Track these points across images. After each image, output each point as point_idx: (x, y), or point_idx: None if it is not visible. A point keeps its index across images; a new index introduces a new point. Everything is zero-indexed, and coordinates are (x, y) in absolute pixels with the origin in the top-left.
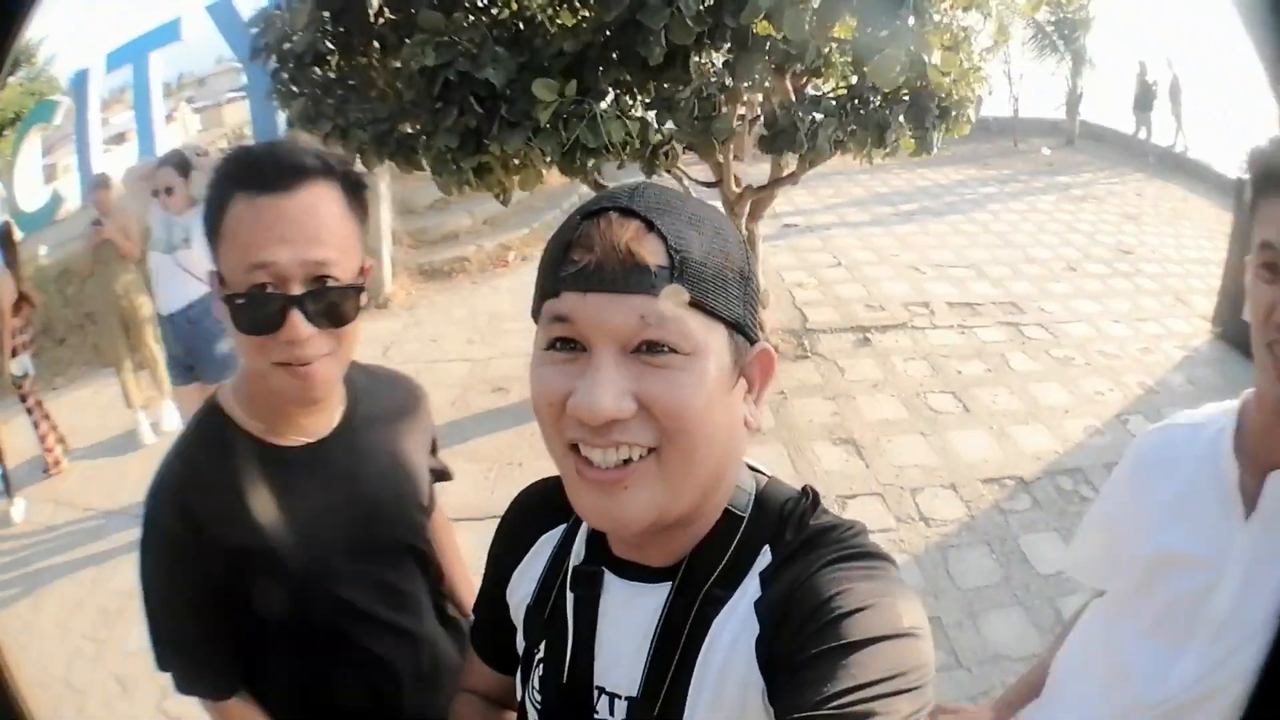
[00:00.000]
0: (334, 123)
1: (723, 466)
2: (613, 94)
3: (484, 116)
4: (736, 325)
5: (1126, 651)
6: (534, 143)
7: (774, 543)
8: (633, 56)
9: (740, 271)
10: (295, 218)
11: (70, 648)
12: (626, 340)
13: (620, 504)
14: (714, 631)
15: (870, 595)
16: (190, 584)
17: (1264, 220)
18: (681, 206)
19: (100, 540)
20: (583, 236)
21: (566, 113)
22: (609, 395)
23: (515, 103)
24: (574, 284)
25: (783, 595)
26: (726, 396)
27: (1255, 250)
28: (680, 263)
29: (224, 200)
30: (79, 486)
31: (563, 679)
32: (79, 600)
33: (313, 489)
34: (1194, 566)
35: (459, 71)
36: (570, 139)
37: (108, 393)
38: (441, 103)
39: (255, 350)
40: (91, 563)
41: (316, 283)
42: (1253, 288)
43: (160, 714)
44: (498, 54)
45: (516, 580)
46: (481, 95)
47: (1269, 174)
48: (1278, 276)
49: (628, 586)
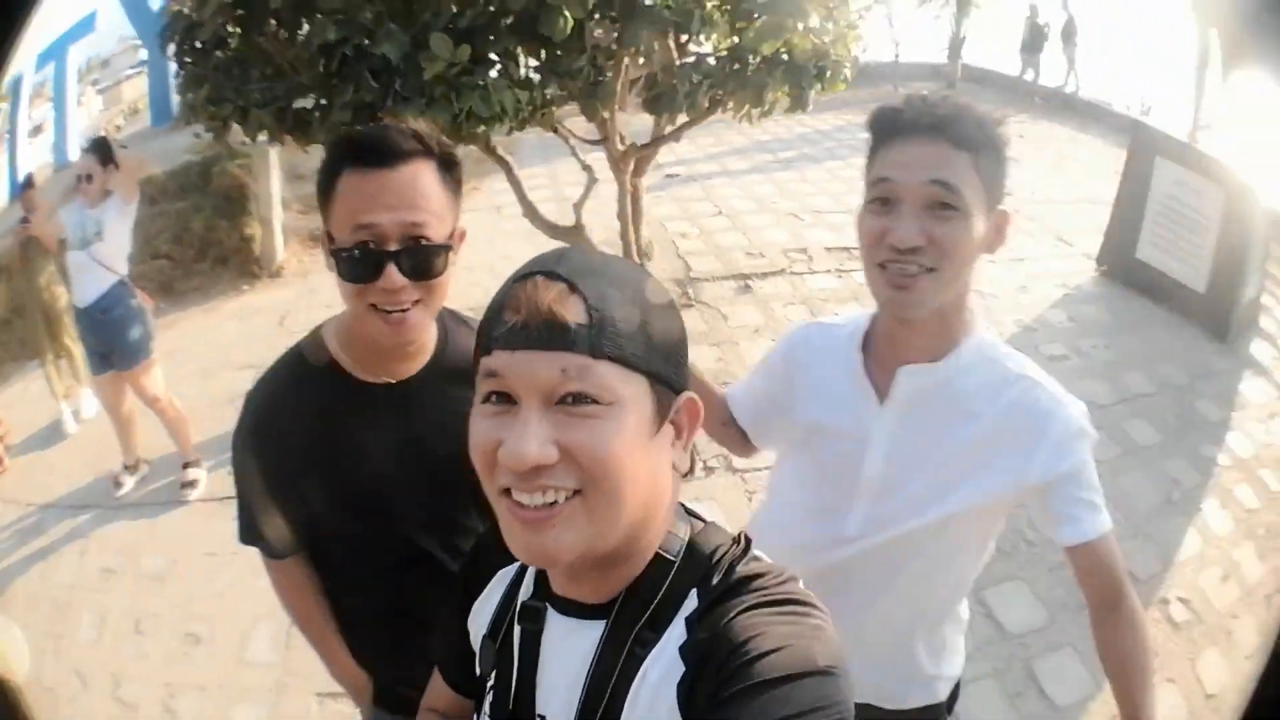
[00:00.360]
0: (234, 104)
1: (649, 508)
2: (500, 62)
3: (379, 91)
4: (657, 376)
5: (807, 496)
6: (427, 114)
7: (701, 587)
8: (526, 28)
9: (663, 328)
10: (396, 188)
11: (35, 646)
12: (550, 392)
13: (548, 540)
14: (643, 670)
15: (786, 637)
16: (261, 482)
17: (880, 162)
18: (604, 269)
19: (41, 535)
20: (511, 299)
21: (458, 83)
22: (533, 444)
23: (409, 76)
24: (504, 342)
25: (705, 639)
26: (648, 442)
27: (867, 191)
28: (599, 320)
29: (335, 173)
30: (15, 482)
31: (509, 707)
32: (34, 596)
33: (388, 424)
34: (841, 437)
35: (355, 46)
36: (463, 109)
37: (33, 387)
38: (338, 79)
39: (355, 296)
40: (38, 558)
41: (411, 241)
42: (864, 219)
43: (116, 702)
44: (392, 29)
45: (476, 610)
46: (377, 70)
47: (884, 124)
48: (886, 208)
49: (567, 622)
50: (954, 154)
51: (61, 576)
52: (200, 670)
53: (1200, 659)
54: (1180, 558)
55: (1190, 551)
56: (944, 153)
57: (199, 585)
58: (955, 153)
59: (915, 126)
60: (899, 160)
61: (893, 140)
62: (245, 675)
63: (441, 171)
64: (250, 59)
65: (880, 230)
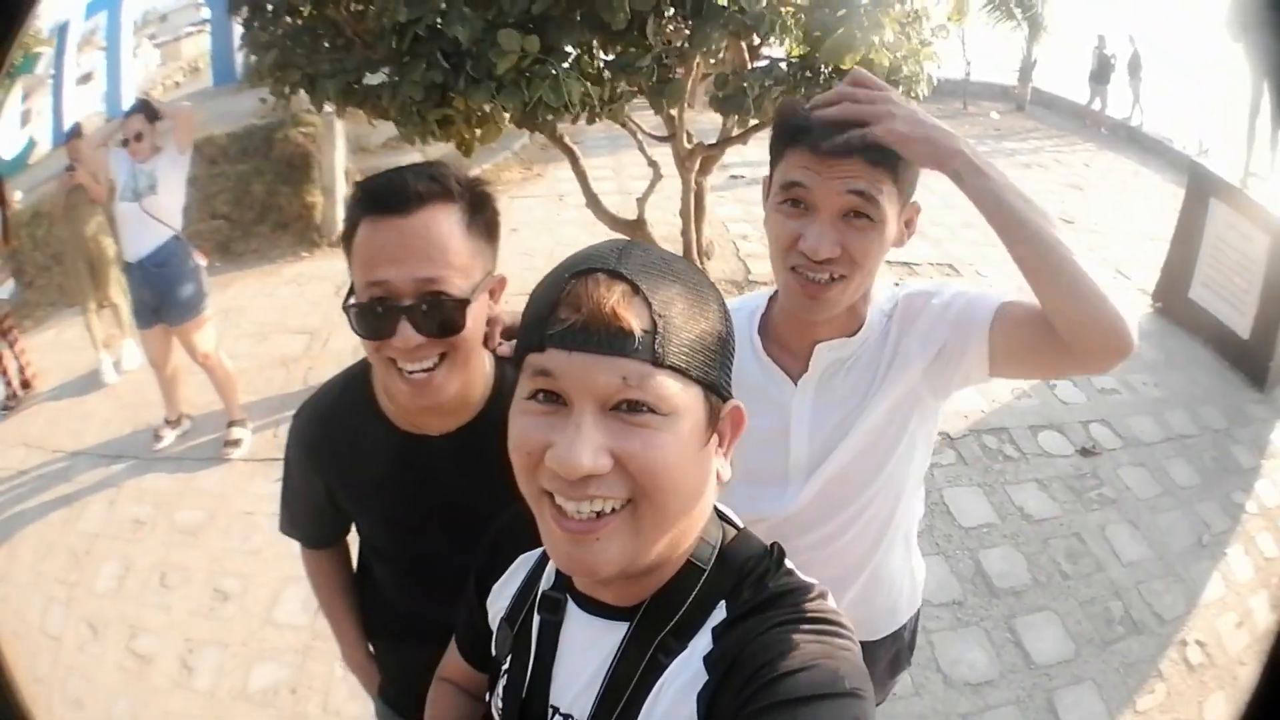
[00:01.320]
0: (303, 72)
1: (692, 519)
2: (574, 54)
3: (450, 72)
4: (712, 386)
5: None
6: (497, 99)
7: (730, 599)
8: (595, 20)
9: (719, 335)
10: (408, 239)
11: (44, 594)
12: (606, 399)
13: (592, 553)
14: (664, 678)
15: (813, 657)
16: (302, 490)
17: (786, 165)
18: (666, 268)
19: (67, 482)
20: (570, 295)
21: (529, 71)
22: (587, 452)
23: (480, 60)
24: (560, 342)
25: (731, 652)
26: (699, 454)
27: (778, 189)
28: (663, 328)
29: (355, 222)
30: (46, 428)
31: (522, 694)
32: (50, 544)
33: (427, 479)
34: (761, 414)
35: (428, 26)
36: (533, 97)
37: (70, 333)
38: (409, 57)
39: (374, 353)
40: (61, 504)
41: (427, 296)
42: (775, 221)
43: (129, 653)
44: (465, 12)
45: (495, 593)
46: (448, 51)
47: (787, 127)
48: (797, 210)
49: (588, 619)
50: (872, 163)
51: (85, 525)
52: (225, 627)
53: (1208, 702)
54: (1204, 600)
55: (1213, 595)
56: (862, 160)
57: (233, 542)
58: (873, 161)
59: (832, 131)
60: (815, 166)
61: (804, 142)
62: (271, 635)
63: (467, 215)
64: (320, 28)
65: (793, 235)
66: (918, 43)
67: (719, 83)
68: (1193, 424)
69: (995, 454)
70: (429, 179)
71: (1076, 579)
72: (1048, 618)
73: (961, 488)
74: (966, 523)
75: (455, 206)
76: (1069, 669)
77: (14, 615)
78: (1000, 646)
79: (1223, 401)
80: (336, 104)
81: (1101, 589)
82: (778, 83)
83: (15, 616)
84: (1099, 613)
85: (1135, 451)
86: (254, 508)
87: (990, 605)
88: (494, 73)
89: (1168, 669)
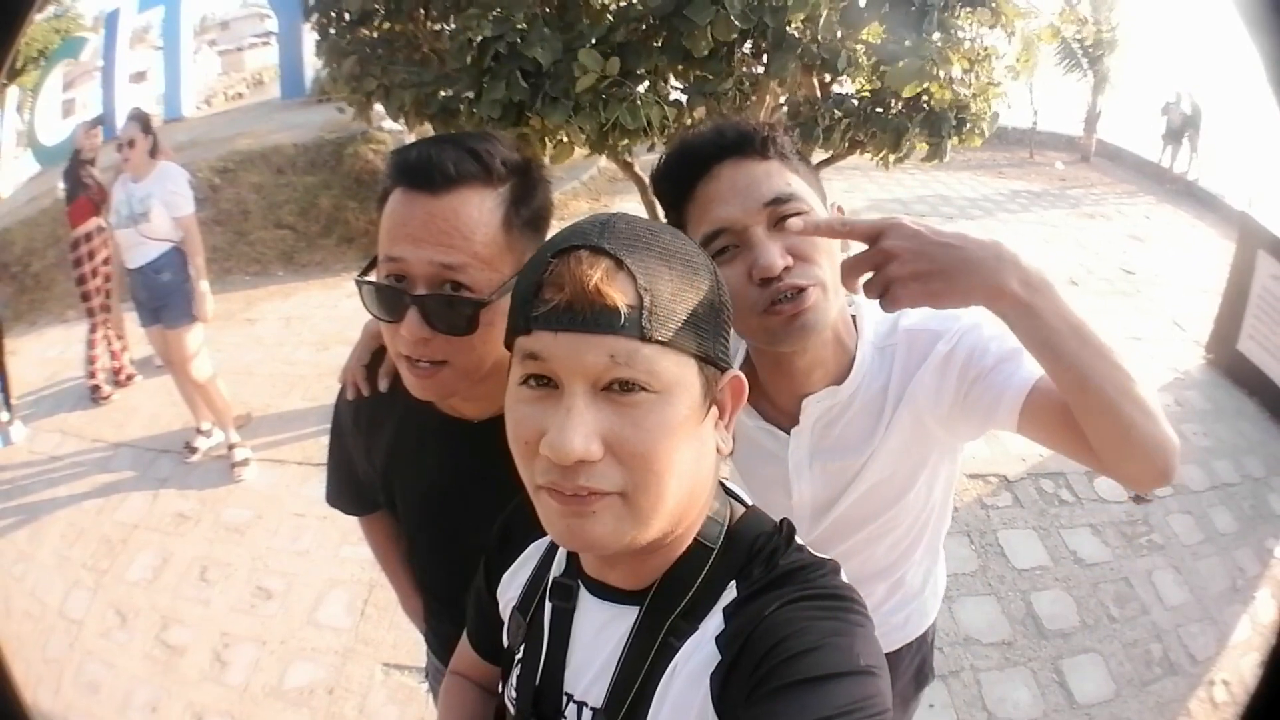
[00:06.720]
0: (379, 82)
1: (692, 495)
2: (650, 79)
3: (528, 91)
4: (706, 358)
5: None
6: (574, 120)
7: (741, 578)
8: (676, 46)
9: (711, 304)
10: (433, 220)
11: (69, 578)
12: (597, 379)
13: (589, 525)
14: (677, 661)
15: (826, 634)
16: (343, 462)
17: (702, 205)
18: (652, 240)
19: (107, 472)
20: (553, 275)
21: (606, 93)
22: (578, 436)
23: (558, 80)
24: (545, 323)
25: (743, 631)
26: (697, 429)
27: (705, 240)
28: (650, 302)
29: (388, 188)
30: (87, 418)
31: (536, 681)
32: (81, 529)
33: (462, 461)
34: (760, 462)
35: (508, 44)
36: (610, 119)
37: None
38: (488, 74)
39: (385, 335)
40: (97, 494)
41: (443, 286)
42: (720, 273)
43: (159, 643)
44: (545, 33)
45: (506, 582)
46: (527, 70)
47: (690, 164)
48: (737, 249)
49: (599, 604)
50: (773, 165)
51: (123, 515)
52: (264, 624)
53: None
54: (1232, 641)
55: (1241, 636)
56: (765, 167)
57: (281, 542)
58: (773, 163)
59: (726, 152)
60: (728, 195)
61: (704, 177)
62: (311, 635)
63: (508, 202)
64: (396, 41)
65: (743, 272)
66: (985, 81)
67: (791, 112)
68: (1235, 473)
69: (1051, 498)
70: (470, 156)
71: (1122, 622)
72: (1093, 659)
73: (1017, 530)
74: (1020, 564)
75: (494, 191)
76: (1108, 708)
77: (29, 595)
78: (1045, 686)
79: (1264, 451)
80: (411, 115)
81: (1144, 631)
82: (847, 115)
83: (31, 596)
84: (1140, 654)
85: (1183, 499)
86: (305, 510)
87: (1039, 646)
88: (571, 93)
89: (1195, 707)
